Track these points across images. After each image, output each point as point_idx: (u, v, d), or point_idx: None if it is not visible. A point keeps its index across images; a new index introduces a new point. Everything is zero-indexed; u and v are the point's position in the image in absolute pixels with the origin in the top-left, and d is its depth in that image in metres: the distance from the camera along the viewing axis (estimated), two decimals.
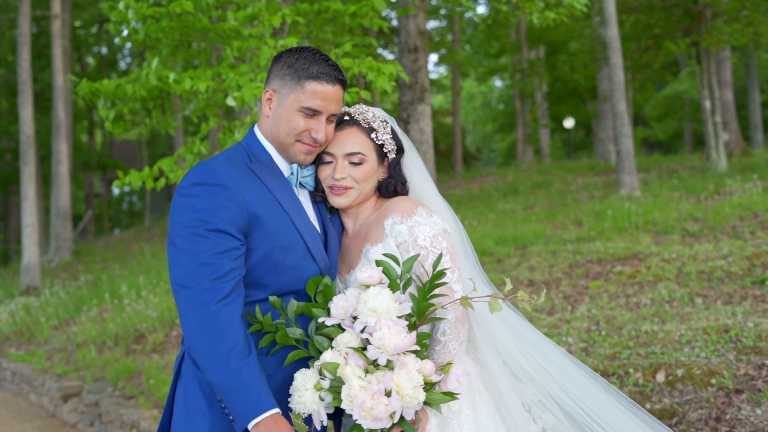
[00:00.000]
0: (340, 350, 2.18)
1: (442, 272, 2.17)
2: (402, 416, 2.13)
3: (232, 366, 2.08)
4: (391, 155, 2.50)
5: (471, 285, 2.27)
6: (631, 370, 4.60)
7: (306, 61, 2.34)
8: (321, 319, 2.25)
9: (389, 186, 2.49)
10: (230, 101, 4.87)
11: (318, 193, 2.48)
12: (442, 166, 29.01)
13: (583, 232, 9.25)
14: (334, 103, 2.35)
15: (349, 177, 2.42)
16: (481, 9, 34.14)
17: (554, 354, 2.50)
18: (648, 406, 4.22)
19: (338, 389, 2.13)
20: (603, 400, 2.46)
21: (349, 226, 2.53)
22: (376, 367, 2.13)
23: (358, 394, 2.07)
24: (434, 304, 2.20)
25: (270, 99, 2.39)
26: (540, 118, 27.91)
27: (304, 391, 2.18)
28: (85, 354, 8.55)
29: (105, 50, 32.34)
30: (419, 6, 8.81)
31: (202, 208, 2.19)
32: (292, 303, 2.29)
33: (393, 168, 2.51)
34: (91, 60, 33.28)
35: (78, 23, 28.64)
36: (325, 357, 2.17)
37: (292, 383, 2.23)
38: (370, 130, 2.46)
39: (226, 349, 2.09)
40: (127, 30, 5.81)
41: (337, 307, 2.23)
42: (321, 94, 2.32)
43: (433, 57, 32.81)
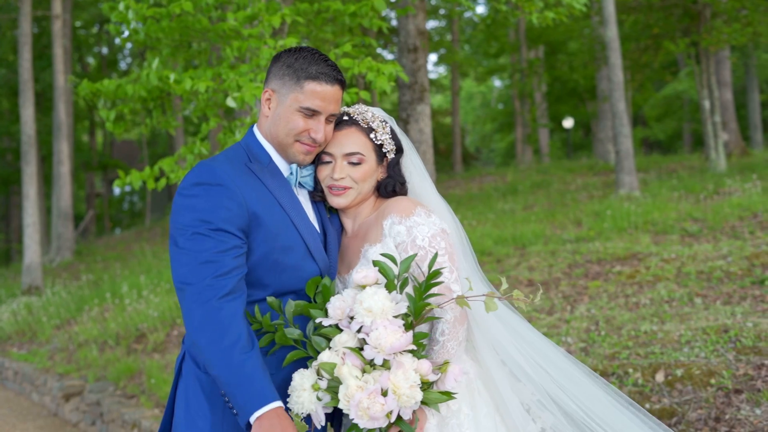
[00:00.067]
0: (337, 350, 2.18)
1: (438, 272, 2.18)
2: (400, 416, 2.13)
3: (235, 359, 2.09)
4: (390, 155, 2.50)
5: (467, 284, 2.27)
6: (631, 370, 4.60)
7: (305, 61, 2.34)
8: (319, 320, 2.26)
9: (388, 186, 2.49)
10: (230, 102, 4.87)
11: (317, 193, 2.48)
12: (442, 166, 29.00)
13: (583, 232, 9.26)
14: (333, 104, 2.36)
15: (348, 177, 2.42)
16: (481, 9, 34.14)
17: (553, 354, 2.49)
18: (647, 406, 4.22)
19: (336, 389, 2.13)
20: (602, 399, 2.45)
21: (348, 226, 2.53)
22: (373, 366, 2.14)
23: (355, 393, 2.07)
24: (430, 304, 2.20)
25: (269, 99, 2.39)
26: (539, 118, 27.88)
27: (302, 391, 2.19)
28: (87, 353, 8.56)
29: (105, 50, 32.34)
30: (419, 6, 8.81)
31: (203, 208, 2.20)
32: (290, 304, 2.30)
33: (392, 168, 2.51)
34: (91, 60, 33.29)
35: (79, 23, 28.64)
36: (322, 357, 2.18)
37: (291, 383, 2.23)
38: (369, 130, 2.46)
39: (228, 343, 2.09)
40: (128, 31, 5.81)
41: (335, 307, 2.23)
42: (320, 94, 2.32)
43: (433, 57, 32.79)
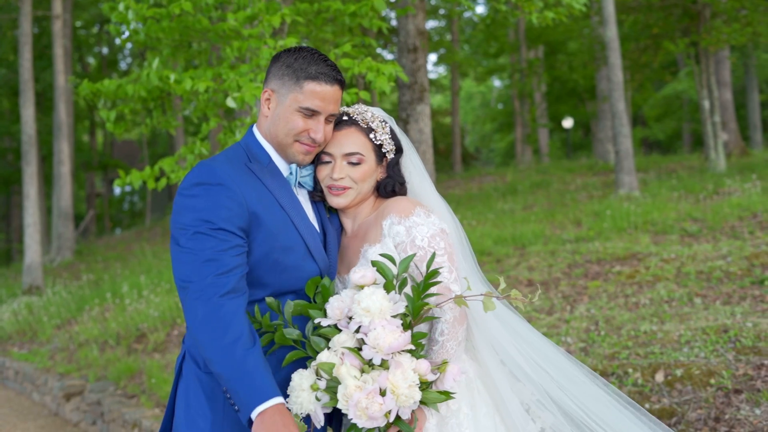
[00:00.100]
0: (336, 350, 2.18)
1: (436, 271, 2.18)
2: (398, 416, 2.13)
3: (237, 355, 2.09)
4: (390, 155, 2.50)
5: (465, 284, 2.27)
6: (630, 370, 4.60)
7: (304, 61, 2.34)
8: (317, 320, 2.26)
9: (388, 186, 2.49)
10: (230, 102, 4.88)
11: (317, 193, 2.49)
12: (441, 166, 29.00)
13: (582, 232, 9.26)
14: (333, 104, 2.36)
15: (348, 177, 2.42)
16: (480, 9, 34.16)
17: (553, 353, 2.49)
18: (647, 406, 4.23)
19: (335, 389, 2.14)
20: (602, 399, 2.45)
21: (348, 226, 2.53)
22: (372, 366, 2.14)
23: (354, 393, 2.08)
24: (429, 304, 2.20)
25: (269, 99, 2.39)
26: (539, 117, 27.89)
27: (301, 391, 2.19)
28: (87, 353, 8.57)
29: (106, 50, 32.36)
30: (418, 6, 8.81)
31: (204, 208, 2.21)
32: (289, 304, 2.30)
33: (392, 168, 2.51)
34: (92, 60, 33.31)
35: (79, 23, 28.65)
36: (321, 357, 2.18)
37: (290, 383, 2.24)
38: (368, 130, 2.46)
39: (230, 339, 2.10)
40: (128, 31, 5.82)
41: (333, 307, 2.24)
42: (319, 94, 2.32)
43: (432, 57, 32.78)
